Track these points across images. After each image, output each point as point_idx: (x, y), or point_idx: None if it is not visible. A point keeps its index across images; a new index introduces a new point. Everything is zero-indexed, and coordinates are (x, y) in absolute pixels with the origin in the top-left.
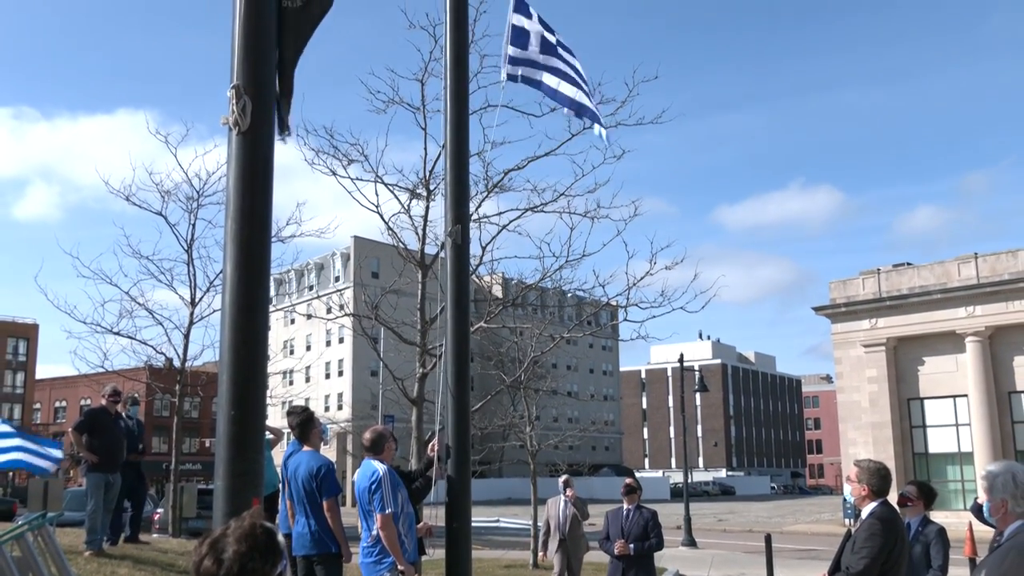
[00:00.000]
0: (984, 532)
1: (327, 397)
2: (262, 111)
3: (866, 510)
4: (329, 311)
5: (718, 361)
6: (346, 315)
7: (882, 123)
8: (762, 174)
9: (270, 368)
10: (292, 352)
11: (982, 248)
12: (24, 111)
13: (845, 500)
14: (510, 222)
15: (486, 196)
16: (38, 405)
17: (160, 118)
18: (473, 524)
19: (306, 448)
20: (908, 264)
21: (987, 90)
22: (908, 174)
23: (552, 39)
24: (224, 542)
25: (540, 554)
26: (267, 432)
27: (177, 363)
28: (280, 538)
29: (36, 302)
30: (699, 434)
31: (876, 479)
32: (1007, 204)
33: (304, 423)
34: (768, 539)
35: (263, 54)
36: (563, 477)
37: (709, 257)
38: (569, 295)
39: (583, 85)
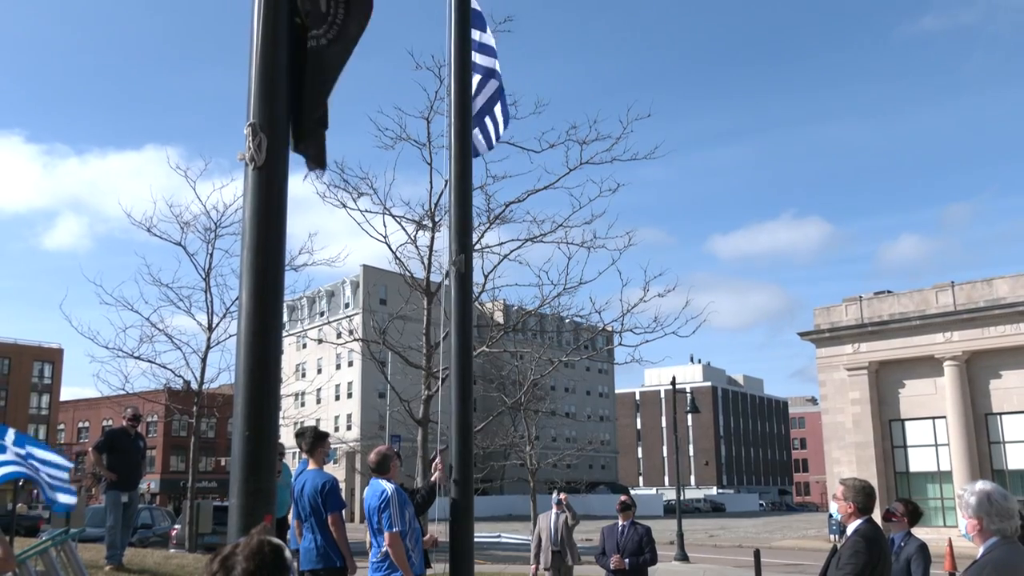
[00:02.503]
0: (964, 548)
1: (337, 418)
2: (277, 148)
3: (851, 527)
4: (339, 336)
5: (709, 384)
6: (355, 340)
7: (869, 156)
8: (754, 205)
9: (283, 390)
10: (304, 375)
11: (964, 276)
12: (57, 147)
13: (830, 516)
14: (511, 252)
15: (488, 227)
16: (62, 426)
17: (185, 153)
18: (475, 539)
19: (312, 466)
20: (889, 292)
21: (968, 125)
22: (893, 205)
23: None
24: (233, 560)
25: (532, 566)
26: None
27: (195, 385)
28: (288, 554)
29: (61, 328)
30: (691, 453)
31: (861, 497)
32: (987, 234)
33: (314, 441)
34: (757, 554)
35: (278, 93)
36: (554, 492)
37: (702, 284)
38: (567, 321)
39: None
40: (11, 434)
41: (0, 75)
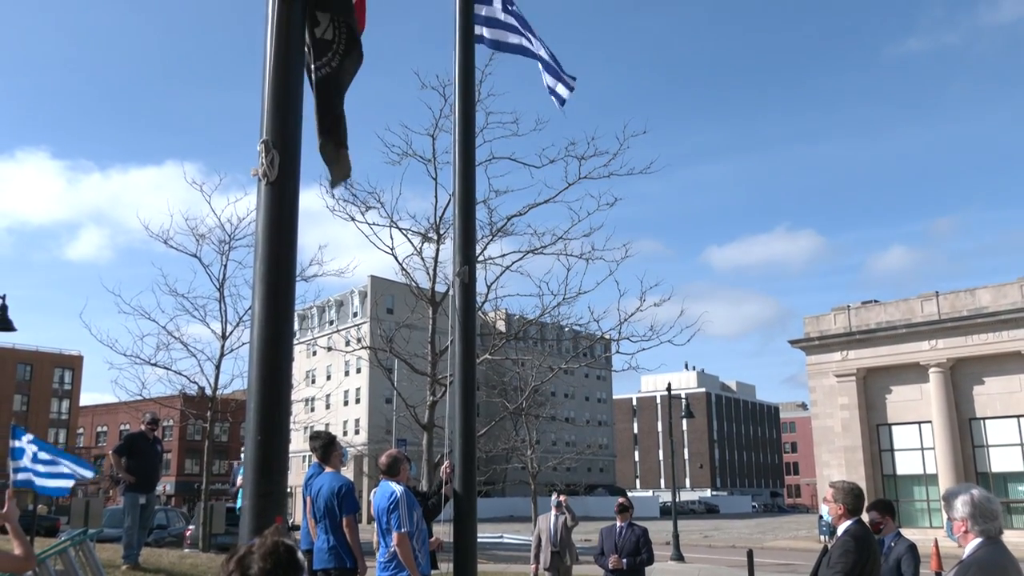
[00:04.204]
0: (950, 548)
1: (345, 423)
2: (288, 164)
3: (841, 528)
4: (348, 344)
5: (703, 390)
6: (363, 348)
7: (859, 171)
8: (750, 219)
9: (293, 396)
10: (314, 381)
11: (948, 286)
12: (81, 163)
13: (821, 518)
14: (513, 263)
15: (491, 239)
16: (81, 430)
17: (204, 168)
18: (478, 540)
19: (328, 469)
20: (875, 301)
21: (953, 144)
22: (882, 218)
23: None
24: (250, 559)
25: (532, 566)
26: None
27: (209, 391)
28: (300, 555)
29: (81, 336)
30: (686, 456)
31: (850, 498)
32: (972, 245)
33: (327, 446)
34: (750, 554)
35: (290, 112)
36: (554, 494)
37: (698, 294)
38: (566, 329)
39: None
40: (28, 436)
41: (28, 94)
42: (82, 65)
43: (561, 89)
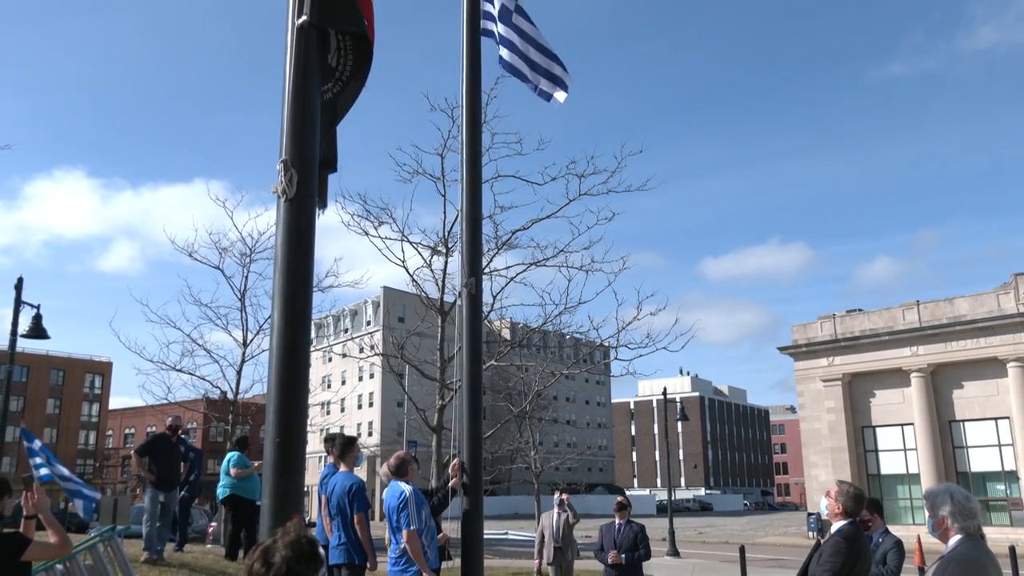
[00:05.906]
0: (933, 545)
1: (359, 425)
2: (306, 182)
3: (835, 526)
4: (361, 351)
5: (697, 394)
6: (376, 354)
7: (847, 187)
8: (744, 232)
9: (310, 400)
10: (329, 386)
11: (930, 296)
12: (115, 181)
13: (810, 515)
14: (517, 275)
15: (496, 252)
16: (110, 432)
17: (230, 186)
18: (484, 536)
19: (342, 468)
20: (860, 310)
21: (935, 160)
22: (868, 230)
23: (510, 4)
24: (274, 548)
25: (536, 561)
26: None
27: (231, 395)
28: (320, 549)
29: (111, 343)
30: (681, 457)
31: (851, 503)
32: (952, 257)
33: (345, 445)
34: (742, 550)
35: (307, 133)
36: (556, 493)
37: (694, 304)
38: (567, 337)
39: (542, 51)
40: (37, 443)
41: (66, 117)
42: (117, 91)
43: (549, 87)
